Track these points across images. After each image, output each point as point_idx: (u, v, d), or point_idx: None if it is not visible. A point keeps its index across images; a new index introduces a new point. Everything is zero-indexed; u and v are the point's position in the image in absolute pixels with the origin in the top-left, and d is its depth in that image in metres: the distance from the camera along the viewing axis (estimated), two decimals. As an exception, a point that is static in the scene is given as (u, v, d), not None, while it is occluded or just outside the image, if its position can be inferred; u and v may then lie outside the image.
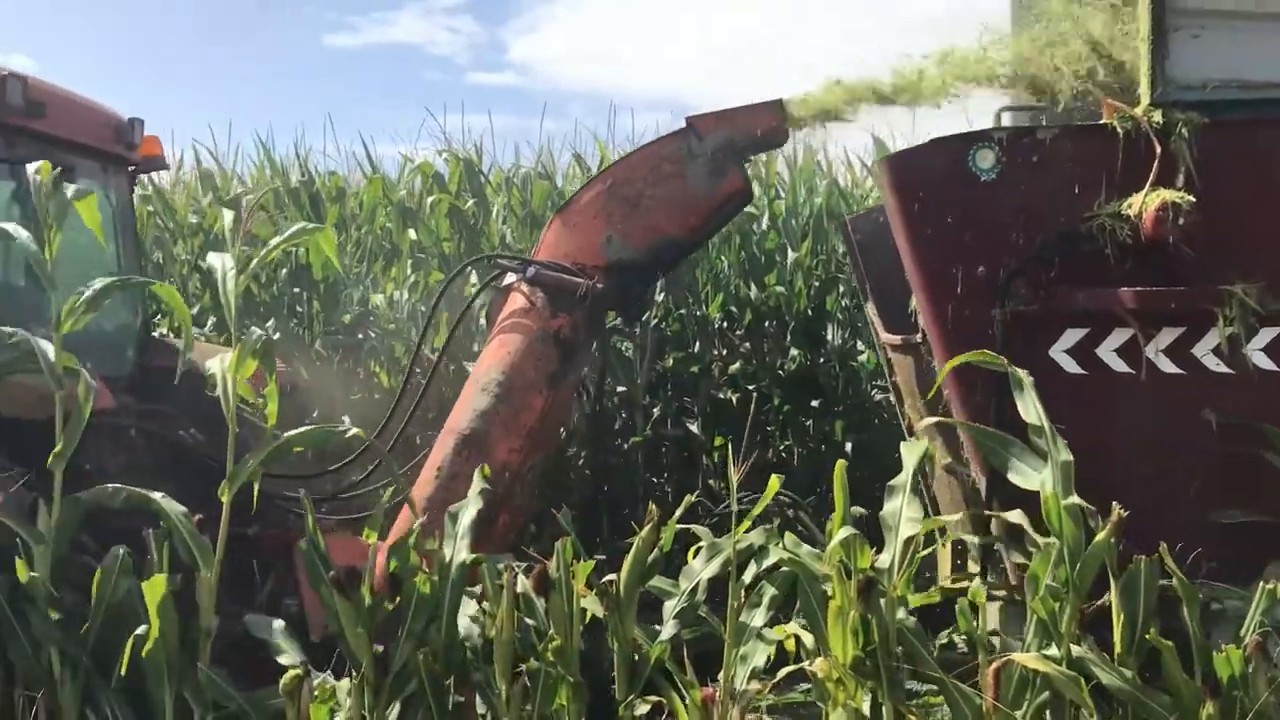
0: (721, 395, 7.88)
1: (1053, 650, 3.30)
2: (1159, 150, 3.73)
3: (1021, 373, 3.53)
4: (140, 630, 3.57)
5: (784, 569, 3.60)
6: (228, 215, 3.63)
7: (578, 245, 4.55)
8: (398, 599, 3.59)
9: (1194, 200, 3.62)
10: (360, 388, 7.49)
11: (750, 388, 7.59)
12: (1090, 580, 3.31)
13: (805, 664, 3.52)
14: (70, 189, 3.90)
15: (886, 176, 4.18)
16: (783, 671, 3.57)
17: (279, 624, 3.67)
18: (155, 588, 3.54)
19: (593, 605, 3.52)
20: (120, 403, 4.77)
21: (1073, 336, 3.87)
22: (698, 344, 7.96)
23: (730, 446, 4.26)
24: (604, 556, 3.85)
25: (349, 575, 3.59)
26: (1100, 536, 3.30)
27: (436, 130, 11.44)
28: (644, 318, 7.62)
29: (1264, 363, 3.75)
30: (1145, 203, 3.67)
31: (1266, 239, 3.72)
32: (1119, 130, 3.78)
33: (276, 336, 7.25)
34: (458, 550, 3.60)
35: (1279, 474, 3.70)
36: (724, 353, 8.05)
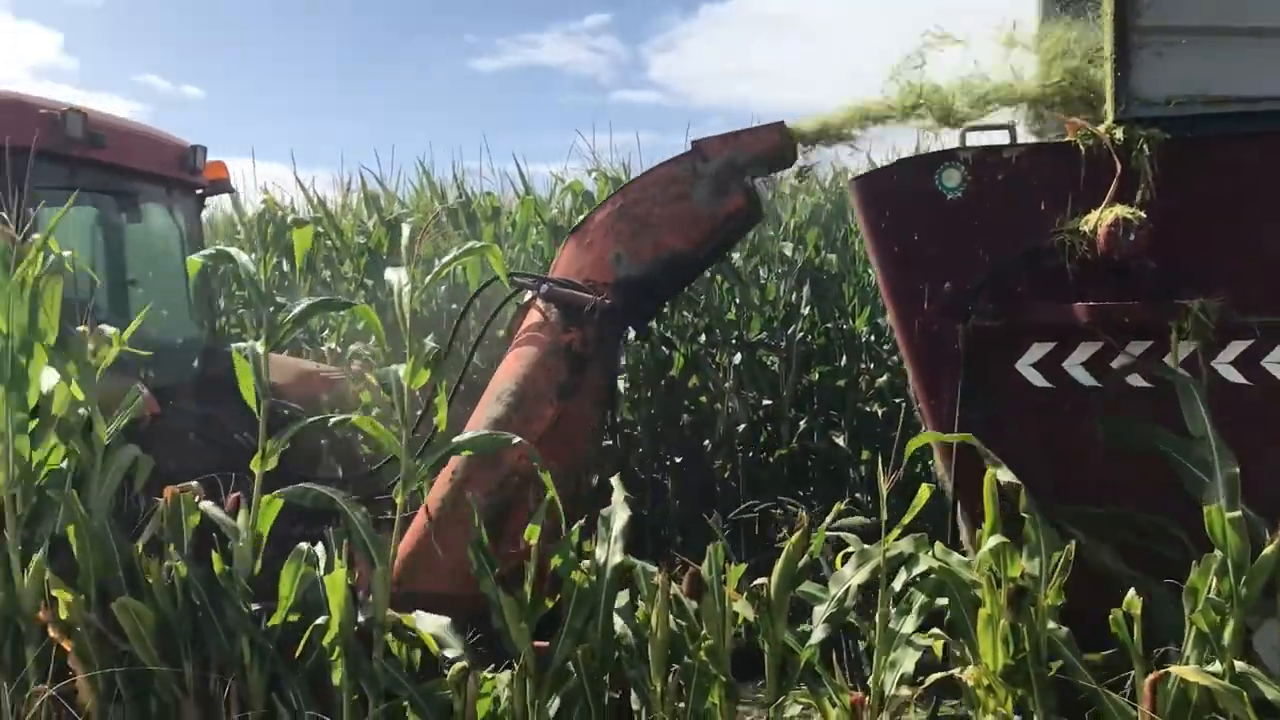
0: (868, 409, 7.88)
1: (1215, 665, 3.26)
2: (1119, 167, 3.78)
3: (1190, 380, 3.54)
4: (320, 621, 3.84)
5: (933, 576, 3.64)
6: (406, 231, 3.88)
7: (589, 262, 4.68)
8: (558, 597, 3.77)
9: (1145, 216, 3.68)
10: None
11: (897, 400, 7.56)
12: (1257, 593, 3.27)
13: (955, 671, 3.55)
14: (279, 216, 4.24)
15: (856, 196, 4.28)
16: (932, 678, 3.61)
17: (445, 620, 3.87)
18: (335, 582, 3.79)
19: (743, 608, 3.62)
20: (183, 408, 5.19)
21: (1039, 350, 3.94)
22: (844, 358, 7.98)
23: (879, 459, 4.29)
24: (750, 562, 3.93)
25: (513, 573, 3.79)
26: (1269, 550, 3.27)
27: (585, 149, 11.67)
28: (789, 331, 7.73)
29: (1233, 376, 3.78)
30: (1100, 219, 3.74)
31: (1224, 253, 3.74)
32: (1081, 148, 3.83)
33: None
34: (611, 553, 3.75)
35: None
36: (871, 366, 8.05)
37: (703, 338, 8.10)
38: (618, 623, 3.75)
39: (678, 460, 7.73)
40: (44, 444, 4.17)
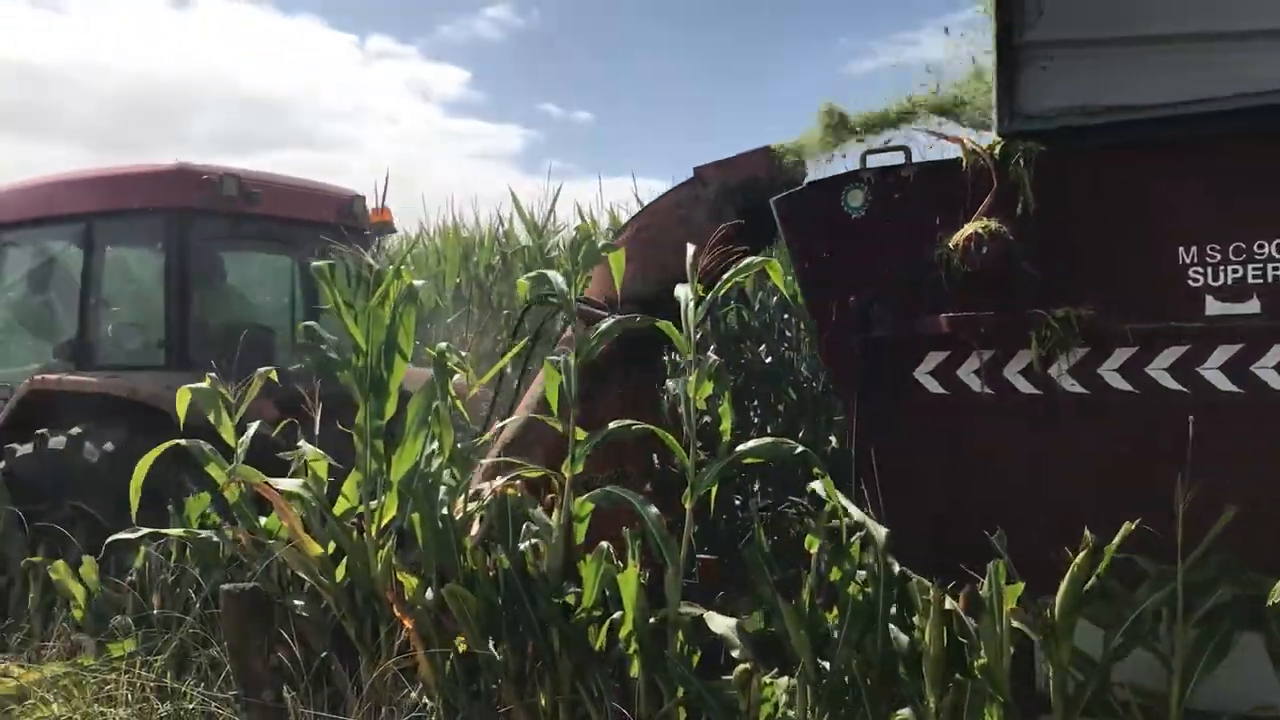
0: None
1: None
2: (995, 182, 3.90)
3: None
4: (616, 616, 4.11)
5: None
6: (690, 250, 4.11)
7: (610, 282, 4.86)
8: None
9: (1004, 229, 3.81)
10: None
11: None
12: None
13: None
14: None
15: (777, 214, 4.45)
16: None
17: (731, 621, 4.01)
18: (629, 580, 4.05)
19: (1025, 627, 3.48)
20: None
21: (934, 359, 4.11)
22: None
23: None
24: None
25: (792, 580, 3.88)
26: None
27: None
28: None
29: (1119, 383, 3.86)
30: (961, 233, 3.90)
31: (1095, 262, 3.83)
32: (966, 164, 3.97)
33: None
34: (887, 566, 3.73)
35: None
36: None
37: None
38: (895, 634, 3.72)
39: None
40: (398, 448, 4.77)
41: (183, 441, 5.04)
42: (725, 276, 4.05)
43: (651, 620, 4.07)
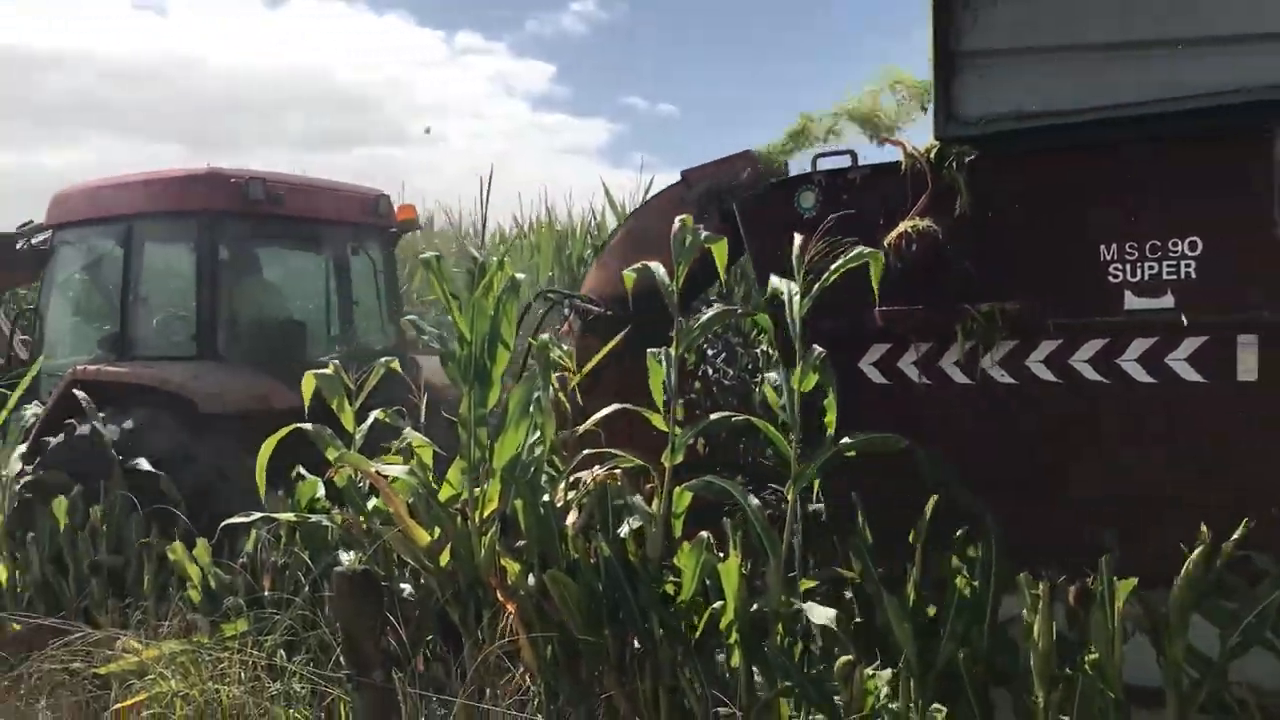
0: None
1: None
2: (930, 184, 4.14)
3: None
4: (717, 605, 4.13)
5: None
6: (798, 241, 4.14)
7: (604, 279, 5.16)
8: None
9: (935, 228, 4.05)
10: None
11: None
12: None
13: None
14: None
15: (738, 215, 4.76)
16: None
17: (831, 612, 4.01)
18: (730, 569, 4.07)
19: (1137, 622, 3.42)
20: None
21: (877, 351, 4.40)
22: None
23: None
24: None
25: (897, 574, 3.86)
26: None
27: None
28: None
29: (1044, 374, 4.10)
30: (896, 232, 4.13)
31: (1024, 259, 4.02)
32: (905, 168, 4.25)
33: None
34: (994, 559, 3.70)
35: None
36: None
37: None
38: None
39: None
40: (500, 436, 4.85)
41: (305, 426, 5.20)
42: (834, 267, 4.04)
43: (752, 610, 4.08)
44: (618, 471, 4.62)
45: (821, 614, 4.04)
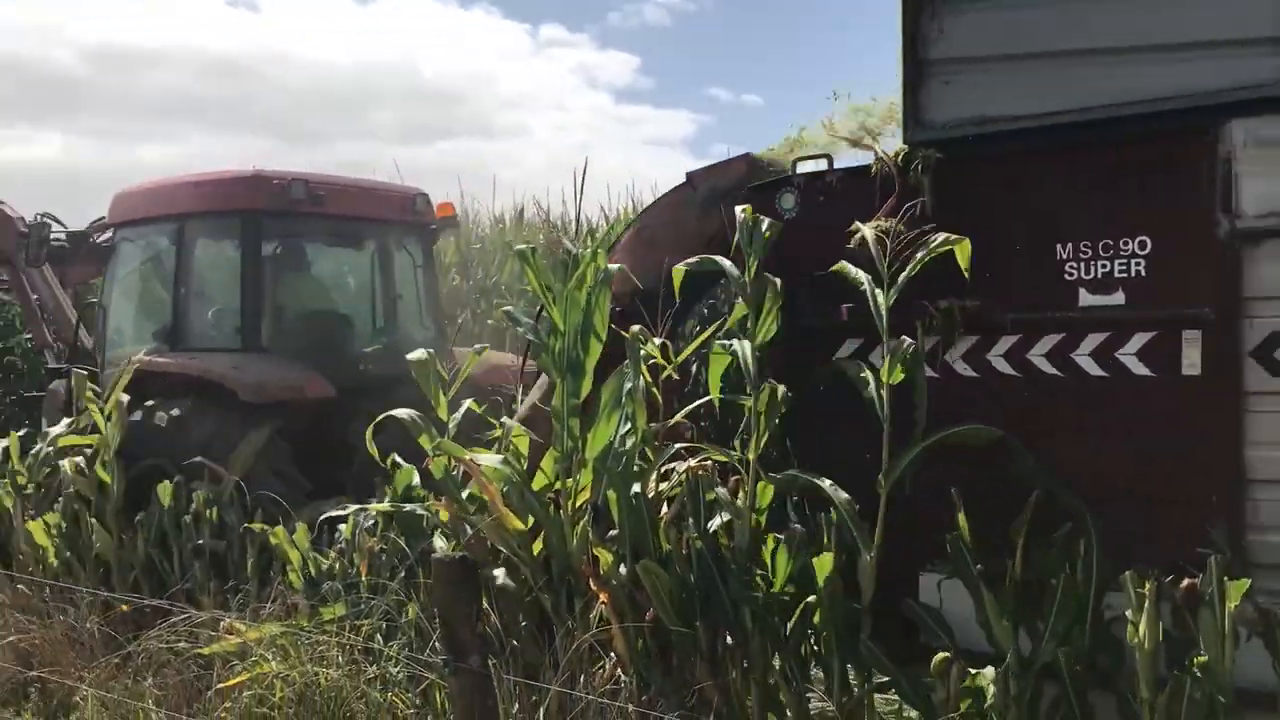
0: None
1: None
2: (897, 186, 4.32)
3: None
4: (811, 599, 4.11)
5: None
6: (868, 231, 4.13)
7: (615, 276, 5.08)
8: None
9: (896, 229, 4.12)
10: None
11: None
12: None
13: None
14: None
15: (725, 217, 4.79)
16: None
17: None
18: (824, 565, 4.04)
19: (1251, 625, 3.32)
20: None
21: (851, 346, 4.57)
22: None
23: None
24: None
25: (995, 569, 3.80)
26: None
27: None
28: None
29: (1004, 368, 4.26)
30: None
31: (986, 258, 4.04)
32: (875, 171, 4.43)
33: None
34: (1094, 559, 3.62)
35: None
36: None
37: None
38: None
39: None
40: (592, 426, 4.88)
41: (400, 412, 5.28)
42: (919, 257, 3.99)
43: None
44: (709, 463, 4.62)
45: (920, 611, 4.00)
